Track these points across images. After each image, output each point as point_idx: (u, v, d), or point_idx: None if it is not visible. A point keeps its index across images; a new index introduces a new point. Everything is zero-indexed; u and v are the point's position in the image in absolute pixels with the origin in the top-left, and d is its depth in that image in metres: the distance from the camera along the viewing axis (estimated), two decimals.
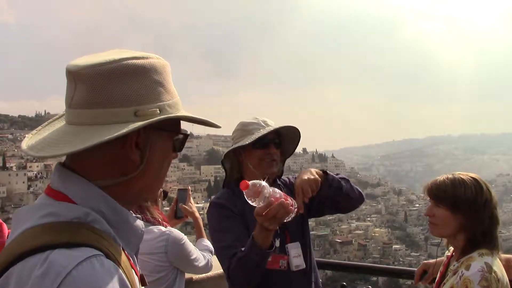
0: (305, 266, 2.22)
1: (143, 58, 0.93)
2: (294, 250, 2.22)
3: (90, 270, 0.76)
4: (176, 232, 2.47)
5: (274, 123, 2.29)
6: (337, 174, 2.29)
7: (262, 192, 1.70)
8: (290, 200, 1.81)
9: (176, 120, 1.00)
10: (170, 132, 0.99)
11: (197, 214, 2.81)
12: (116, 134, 0.85)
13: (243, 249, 1.97)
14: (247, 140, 2.22)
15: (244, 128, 2.28)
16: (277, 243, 2.17)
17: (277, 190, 1.79)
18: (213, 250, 2.72)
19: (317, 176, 2.15)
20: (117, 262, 0.83)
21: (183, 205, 2.80)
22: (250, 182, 1.67)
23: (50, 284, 0.73)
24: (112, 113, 0.88)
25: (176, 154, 1.03)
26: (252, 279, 2.02)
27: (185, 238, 2.48)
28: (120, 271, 0.81)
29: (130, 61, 0.91)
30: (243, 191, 1.68)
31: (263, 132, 2.21)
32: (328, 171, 2.26)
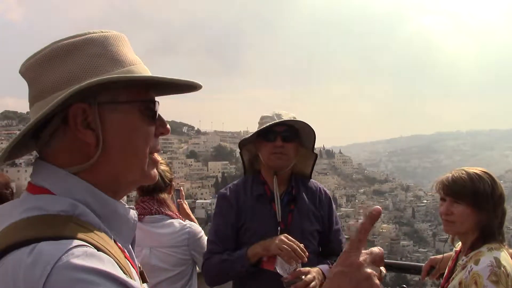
0: None
1: (78, 36, 0.85)
2: None
3: (82, 254, 0.70)
4: (195, 225, 2.55)
5: (293, 116, 2.22)
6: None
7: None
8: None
9: (138, 89, 0.88)
10: (130, 103, 0.87)
11: (192, 217, 2.82)
12: (35, 118, 0.80)
13: (229, 253, 2.17)
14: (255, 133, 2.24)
15: (260, 122, 2.26)
16: None
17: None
18: None
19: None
20: (110, 255, 0.76)
21: (183, 203, 2.83)
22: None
23: (41, 270, 0.67)
24: (49, 102, 0.81)
25: (161, 123, 0.93)
26: (223, 280, 2.31)
27: (202, 232, 2.55)
28: (113, 261, 0.75)
29: (59, 43, 0.84)
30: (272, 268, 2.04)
31: (268, 124, 2.18)
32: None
